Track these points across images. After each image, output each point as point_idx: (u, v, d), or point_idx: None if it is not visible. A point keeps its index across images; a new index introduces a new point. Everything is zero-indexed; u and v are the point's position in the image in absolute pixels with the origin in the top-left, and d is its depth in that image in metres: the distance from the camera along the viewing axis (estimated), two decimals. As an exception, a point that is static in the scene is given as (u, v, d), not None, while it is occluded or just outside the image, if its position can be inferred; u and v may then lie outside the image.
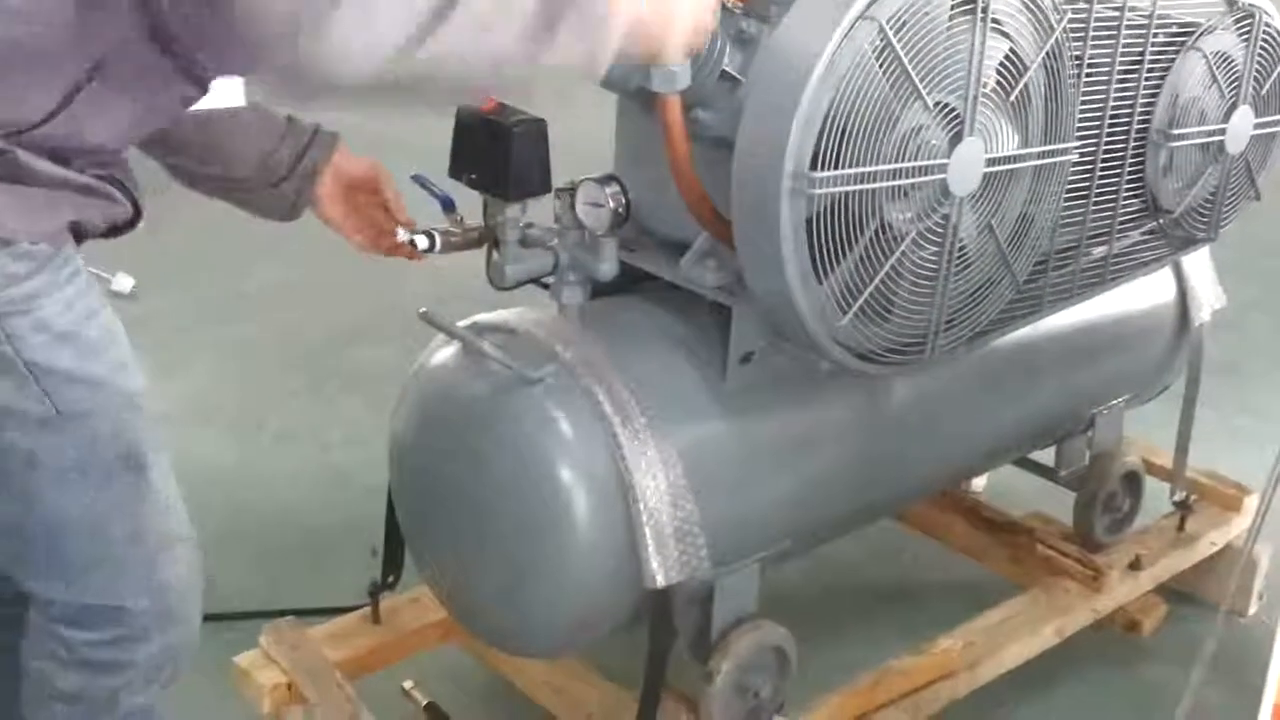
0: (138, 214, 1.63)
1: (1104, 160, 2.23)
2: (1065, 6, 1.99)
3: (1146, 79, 2.24)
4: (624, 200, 2.01)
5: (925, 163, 1.88)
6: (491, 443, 2.01)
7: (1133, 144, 2.28)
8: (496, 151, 1.94)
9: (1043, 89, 2.01)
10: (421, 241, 2.01)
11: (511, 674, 2.40)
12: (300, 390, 3.76)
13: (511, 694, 2.43)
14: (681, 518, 1.96)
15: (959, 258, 1.99)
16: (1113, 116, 2.21)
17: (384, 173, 2.06)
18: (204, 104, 1.65)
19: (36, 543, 1.66)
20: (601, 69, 1.52)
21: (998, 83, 1.94)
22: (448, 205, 2.05)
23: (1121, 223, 2.35)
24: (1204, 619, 2.84)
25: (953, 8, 1.84)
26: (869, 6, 1.77)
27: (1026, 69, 1.96)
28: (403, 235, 2.02)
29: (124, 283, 4.18)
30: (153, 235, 1.69)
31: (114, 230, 1.63)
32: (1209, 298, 2.81)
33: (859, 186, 1.82)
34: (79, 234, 1.58)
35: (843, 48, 1.76)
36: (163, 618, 1.74)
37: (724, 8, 1.88)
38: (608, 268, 2.05)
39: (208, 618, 2.68)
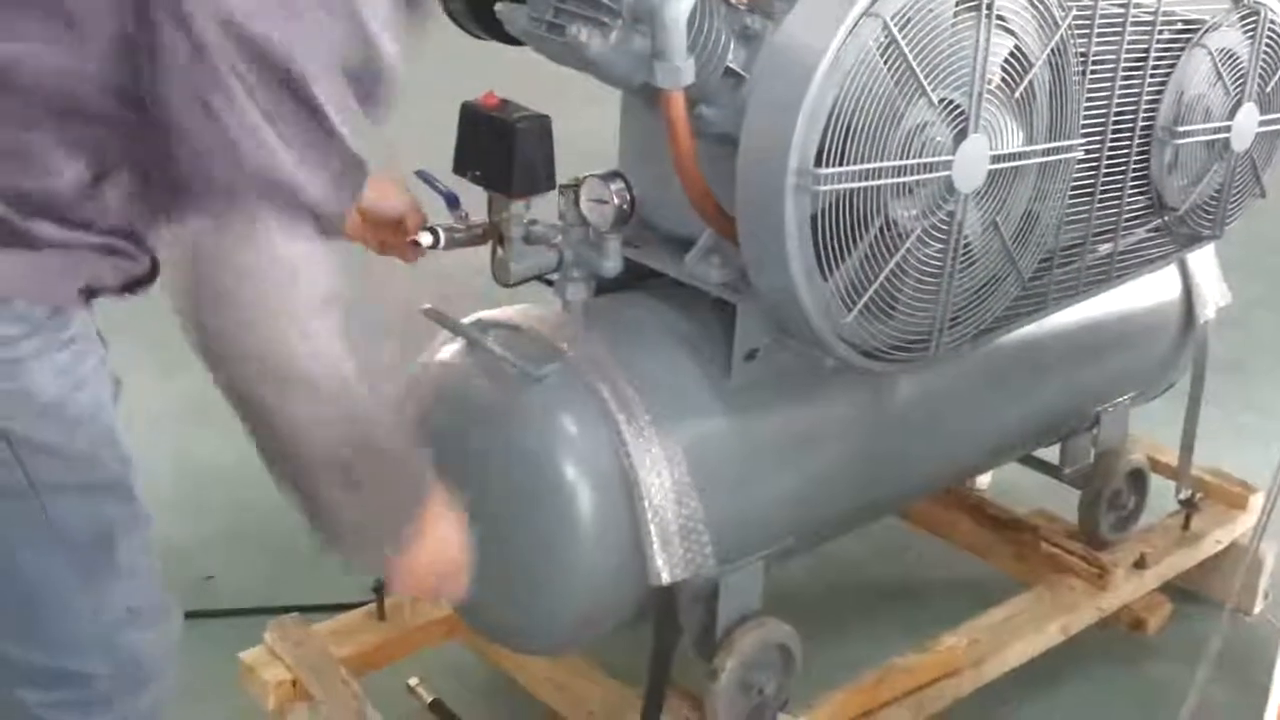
0: (155, 269, 1.52)
1: (1109, 157, 2.23)
2: (1070, 3, 1.99)
3: (1151, 76, 2.23)
4: (628, 197, 2.01)
5: (930, 159, 1.87)
6: (495, 440, 2.01)
7: (1138, 141, 2.27)
8: (501, 148, 1.94)
9: (1047, 86, 2.00)
10: (425, 238, 2.01)
11: (515, 670, 2.39)
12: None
13: (515, 691, 2.43)
14: (686, 515, 1.96)
15: (964, 255, 1.99)
16: (1118, 113, 2.20)
17: (415, 217, 2.03)
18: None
19: None
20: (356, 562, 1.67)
21: (1002, 79, 1.93)
22: (452, 202, 2.06)
23: (1126, 220, 2.34)
24: (1209, 617, 2.83)
25: (957, 4, 1.84)
26: (874, 3, 1.76)
27: (1031, 66, 1.95)
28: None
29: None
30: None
31: (130, 286, 1.53)
32: (1214, 295, 2.81)
33: (864, 183, 1.81)
34: (90, 293, 1.49)
35: (847, 44, 1.76)
36: (126, 684, 1.65)
37: (728, 4, 1.88)
38: (612, 264, 2.05)
39: (212, 614, 2.72)
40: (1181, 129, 2.31)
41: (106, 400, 1.54)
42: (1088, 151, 2.14)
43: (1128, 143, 2.26)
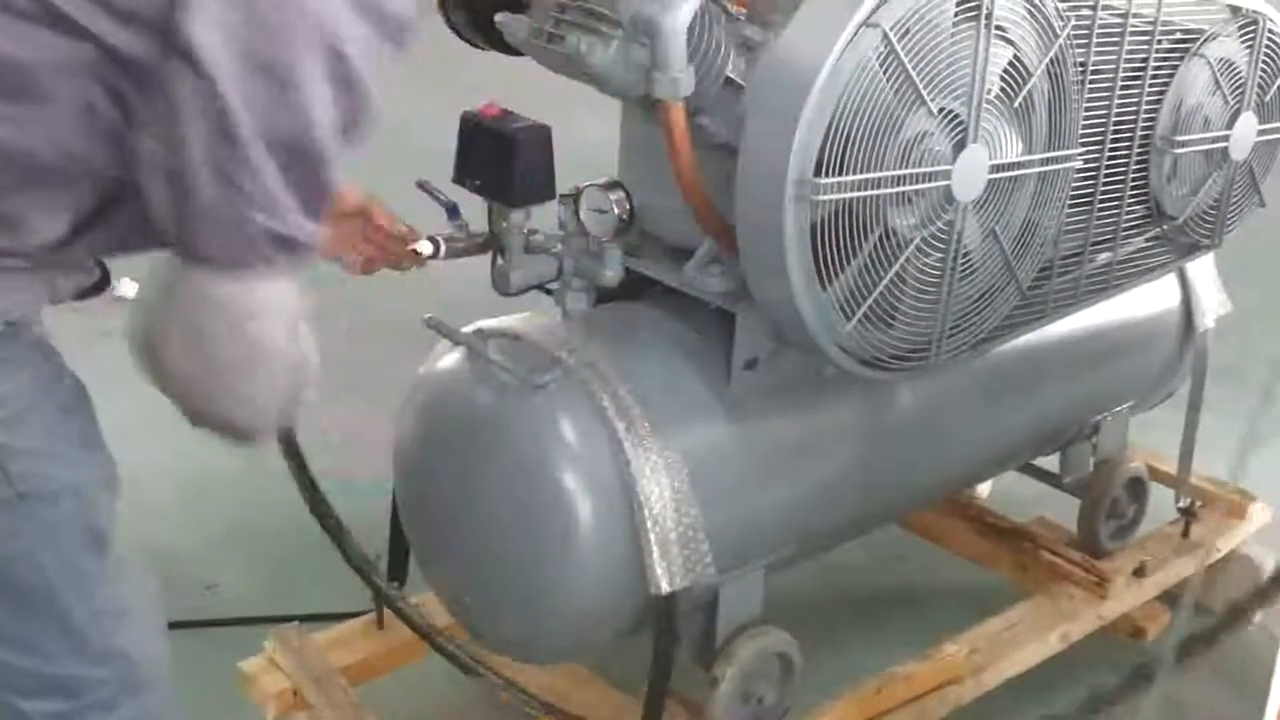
0: (105, 280, 1.55)
1: (1108, 167, 2.23)
2: (1069, 13, 1.99)
3: (1150, 86, 2.24)
4: (628, 206, 2.02)
5: (929, 169, 1.88)
6: (496, 448, 2.01)
7: (1136, 150, 2.28)
8: (501, 158, 1.95)
9: (1046, 95, 2.01)
10: (425, 247, 2.01)
11: (515, 679, 2.39)
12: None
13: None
14: (686, 523, 1.96)
15: (963, 264, 2.00)
16: (1116, 123, 2.21)
17: (376, 205, 2.00)
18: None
19: None
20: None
21: (1001, 89, 1.94)
22: (452, 211, 2.06)
23: (1125, 229, 2.35)
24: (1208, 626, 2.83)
25: (956, 14, 1.84)
26: (873, 13, 1.77)
27: (1030, 76, 1.96)
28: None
29: (128, 288, 4.17)
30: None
31: (80, 295, 1.53)
32: (1213, 304, 2.81)
33: (863, 193, 1.82)
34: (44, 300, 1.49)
35: (846, 54, 1.76)
36: (128, 685, 1.65)
37: (728, 14, 1.88)
38: (612, 274, 2.06)
39: (214, 623, 2.72)
40: (1180, 138, 2.32)
41: (84, 397, 1.55)
42: (1086, 161, 2.14)
43: (1126, 152, 2.26)
